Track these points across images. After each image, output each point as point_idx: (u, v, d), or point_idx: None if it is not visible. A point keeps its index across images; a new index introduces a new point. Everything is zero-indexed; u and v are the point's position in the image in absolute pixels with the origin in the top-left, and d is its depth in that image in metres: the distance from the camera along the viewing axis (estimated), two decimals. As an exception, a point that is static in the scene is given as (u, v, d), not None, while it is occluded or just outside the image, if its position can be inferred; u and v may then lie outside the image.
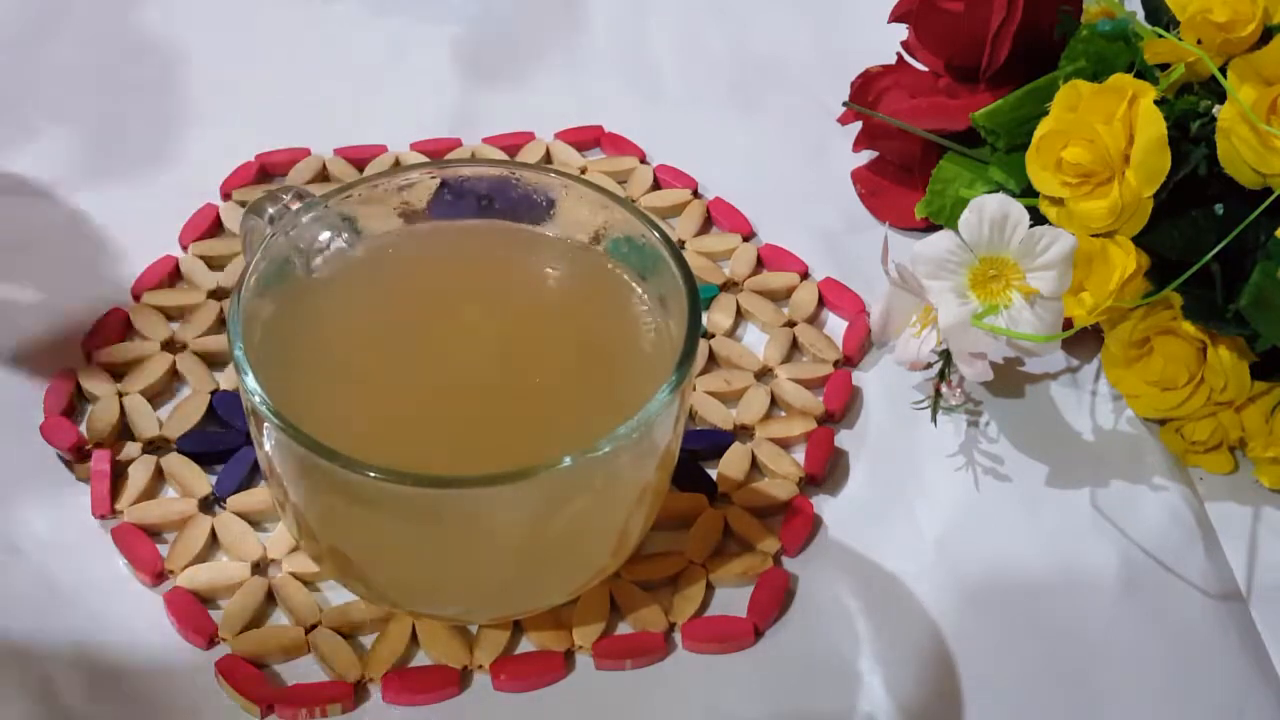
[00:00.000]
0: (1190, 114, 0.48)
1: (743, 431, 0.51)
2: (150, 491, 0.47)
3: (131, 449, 0.48)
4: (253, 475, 0.48)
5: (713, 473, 0.49)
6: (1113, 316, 0.49)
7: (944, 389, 0.49)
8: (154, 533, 0.46)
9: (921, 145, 0.58)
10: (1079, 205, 0.47)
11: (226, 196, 0.58)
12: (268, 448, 0.39)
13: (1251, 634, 0.46)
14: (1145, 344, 0.49)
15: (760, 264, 0.57)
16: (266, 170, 0.60)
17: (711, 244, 0.58)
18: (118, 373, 0.51)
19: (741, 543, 0.47)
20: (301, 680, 0.43)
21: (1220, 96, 0.46)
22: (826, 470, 0.50)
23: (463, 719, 0.43)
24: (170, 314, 0.53)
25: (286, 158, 0.60)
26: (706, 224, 0.59)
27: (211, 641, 0.44)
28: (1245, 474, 0.50)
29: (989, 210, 0.44)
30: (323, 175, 0.60)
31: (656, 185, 0.60)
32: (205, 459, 0.48)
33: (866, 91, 0.60)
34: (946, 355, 0.48)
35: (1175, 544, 0.48)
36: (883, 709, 0.43)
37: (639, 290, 0.43)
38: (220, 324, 0.53)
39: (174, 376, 0.51)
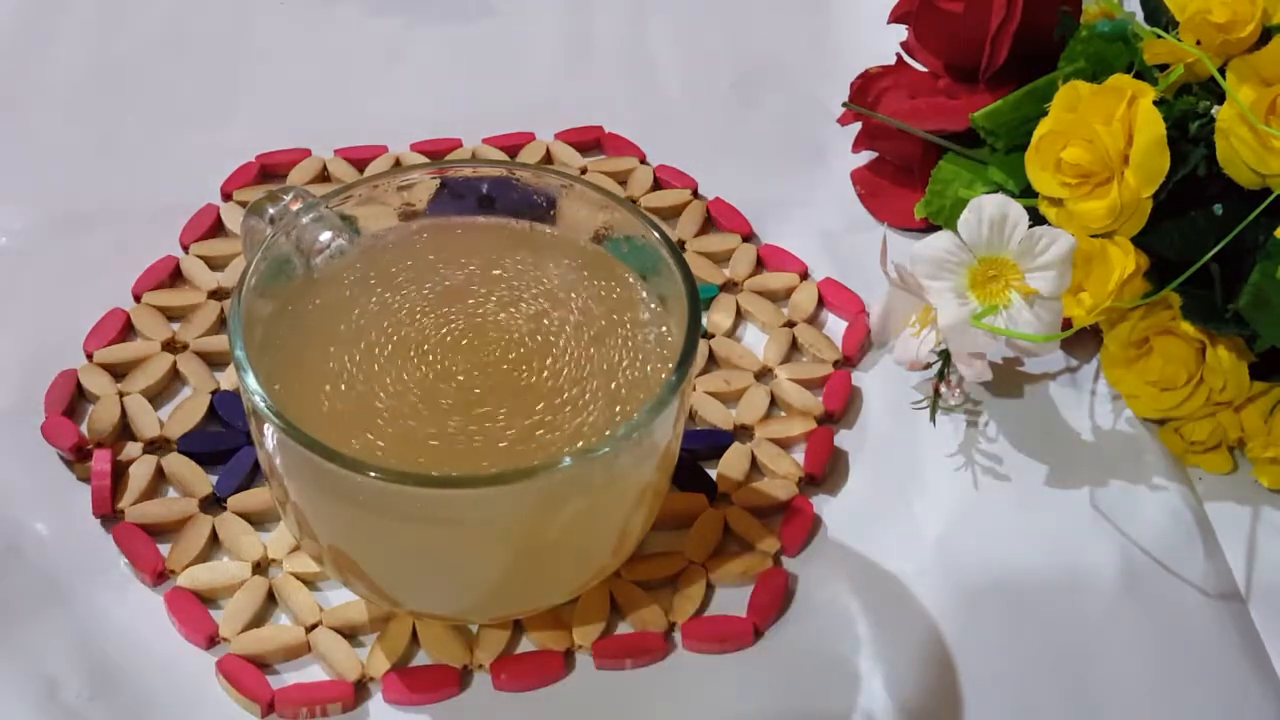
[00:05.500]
0: (1189, 114, 0.48)
1: (743, 431, 0.51)
2: (151, 491, 0.47)
3: (132, 449, 0.48)
4: (253, 475, 0.48)
5: (713, 473, 0.49)
6: (1112, 316, 0.49)
7: (943, 389, 0.49)
8: (154, 533, 0.46)
9: (921, 145, 0.58)
10: (1078, 205, 0.47)
11: (227, 197, 0.58)
12: (268, 448, 0.39)
13: (1251, 634, 0.46)
14: (1144, 344, 0.49)
15: (760, 264, 0.57)
16: (267, 171, 0.60)
17: (711, 244, 0.58)
18: (118, 373, 0.51)
19: (741, 543, 0.47)
20: (301, 680, 0.43)
21: (1219, 97, 0.46)
22: (826, 470, 0.50)
23: (463, 719, 0.43)
24: (171, 314, 0.53)
25: (287, 158, 0.60)
26: (706, 224, 0.59)
27: (211, 641, 0.44)
28: (1245, 474, 0.50)
29: (988, 210, 0.44)
30: (323, 176, 0.60)
31: (656, 185, 0.60)
32: (206, 459, 0.48)
33: (866, 92, 0.60)
34: (946, 355, 0.48)
35: (1175, 544, 0.48)
36: (883, 709, 0.43)
37: (640, 289, 0.43)
38: (221, 324, 0.53)
39: (175, 376, 0.51)
